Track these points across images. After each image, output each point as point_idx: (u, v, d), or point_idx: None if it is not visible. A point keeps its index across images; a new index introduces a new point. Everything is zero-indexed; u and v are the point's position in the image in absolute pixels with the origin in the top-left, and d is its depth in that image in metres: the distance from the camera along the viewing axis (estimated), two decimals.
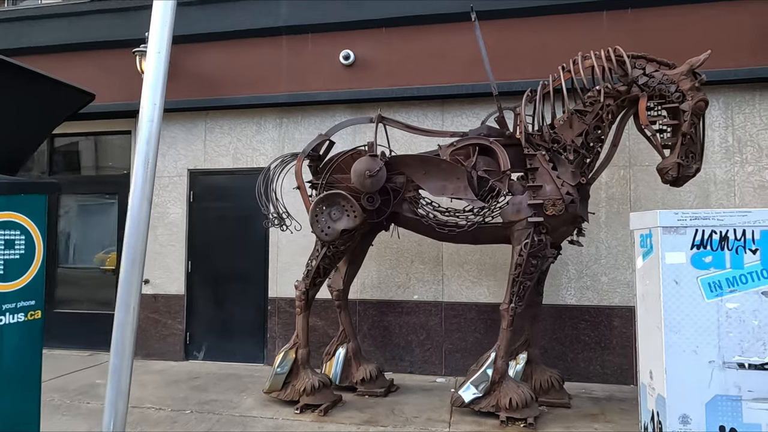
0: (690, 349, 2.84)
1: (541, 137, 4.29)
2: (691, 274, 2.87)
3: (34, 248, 1.73)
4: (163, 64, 1.67)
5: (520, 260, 4.11)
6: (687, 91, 3.93)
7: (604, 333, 5.24)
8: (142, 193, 1.61)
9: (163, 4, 1.66)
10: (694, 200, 5.14)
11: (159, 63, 1.66)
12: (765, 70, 4.94)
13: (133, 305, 1.75)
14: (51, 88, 1.72)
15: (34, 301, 1.76)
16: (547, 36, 5.29)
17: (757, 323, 2.78)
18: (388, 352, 5.62)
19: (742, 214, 2.86)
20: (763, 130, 5.08)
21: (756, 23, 4.94)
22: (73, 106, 1.85)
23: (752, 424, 2.76)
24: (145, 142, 1.70)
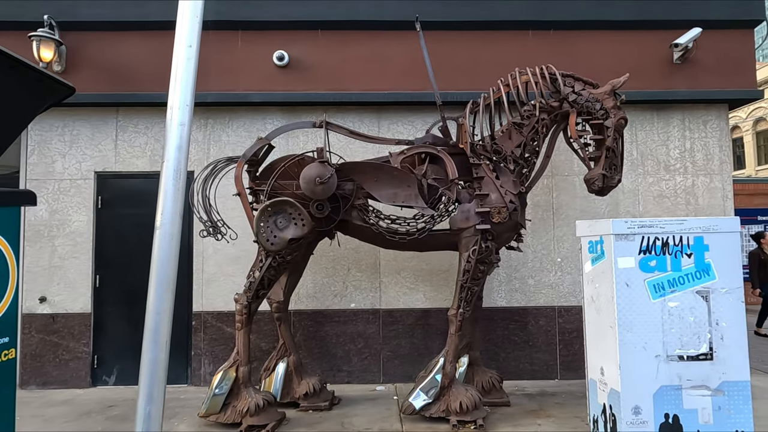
0: (640, 345, 3.11)
1: (484, 147, 4.46)
2: (639, 277, 3.15)
3: (7, 274, 1.37)
4: (194, 59, 1.44)
5: (468, 266, 4.22)
6: (610, 109, 4.31)
7: (531, 332, 5.57)
8: (173, 210, 1.36)
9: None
10: (606, 208, 5.67)
11: (190, 58, 1.43)
12: (661, 93, 5.61)
13: None
14: (34, 79, 1.39)
15: (8, 338, 1.40)
16: (480, 49, 5.53)
17: (693, 319, 3.13)
18: (325, 363, 5.47)
19: (679, 222, 3.20)
20: (660, 145, 5.75)
21: (657, 50, 5.59)
22: (52, 98, 1.52)
23: (691, 409, 3.09)
24: (176, 149, 1.46)
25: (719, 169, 5.72)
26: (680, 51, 5.48)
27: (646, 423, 3.07)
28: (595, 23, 5.59)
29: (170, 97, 1.56)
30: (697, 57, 5.60)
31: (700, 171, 5.73)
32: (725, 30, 5.61)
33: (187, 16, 1.43)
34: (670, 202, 5.70)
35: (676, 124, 5.76)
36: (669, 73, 5.64)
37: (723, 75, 5.61)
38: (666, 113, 5.76)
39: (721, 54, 5.62)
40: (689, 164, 5.72)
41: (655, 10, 5.57)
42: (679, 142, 5.74)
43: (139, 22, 5.43)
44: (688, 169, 5.72)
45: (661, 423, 3.07)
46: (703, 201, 5.69)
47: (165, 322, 1.48)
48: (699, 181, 5.72)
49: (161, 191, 1.47)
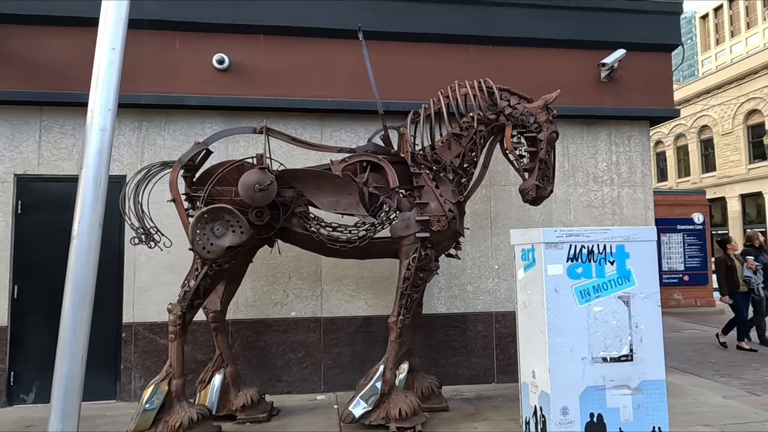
0: (568, 348, 3.26)
1: (425, 157, 4.55)
2: (567, 284, 3.31)
3: None
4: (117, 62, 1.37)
5: (408, 274, 4.28)
6: (543, 123, 4.52)
7: (470, 337, 5.71)
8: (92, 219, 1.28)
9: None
10: (540, 217, 5.93)
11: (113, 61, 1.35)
12: (591, 109, 5.95)
13: None
14: None
15: None
16: (423, 61, 5.65)
17: (615, 323, 3.32)
18: (264, 373, 5.36)
19: (603, 231, 3.40)
20: (589, 158, 6.09)
21: (586, 69, 5.93)
22: None
23: (613, 408, 3.27)
24: (96, 155, 1.38)
25: (641, 182, 6.13)
26: (607, 70, 5.84)
27: (573, 423, 3.22)
28: (530, 41, 5.85)
29: (91, 100, 1.49)
30: (622, 76, 5.98)
31: (624, 183, 6.11)
32: (647, 52, 6.03)
33: (111, 18, 1.37)
34: (598, 211, 6.03)
35: (603, 139, 6.12)
36: (597, 91, 5.99)
37: (645, 94, 6.02)
38: (595, 128, 6.11)
39: (644, 75, 6.04)
40: (615, 176, 6.09)
41: (585, 30, 5.90)
42: (606, 155, 6.11)
43: (68, 18, 5.15)
44: (614, 181, 6.09)
45: (587, 422, 3.23)
46: (627, 211, 6.07)
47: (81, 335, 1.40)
48: (624, 192, 6.09)
49: (79, 199, 1.40)
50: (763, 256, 8.17)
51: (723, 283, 7.90)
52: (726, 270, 7.91)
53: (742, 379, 5.98)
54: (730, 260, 7.97)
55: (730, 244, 8.17)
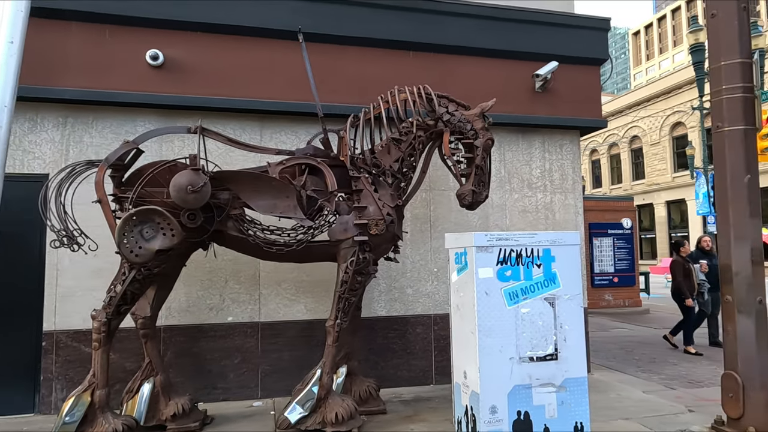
0: (497, 349, 3.37)
1: (364, 161, 4.58)
2: (497, 286, 3.42)
3: None
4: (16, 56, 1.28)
5: (346, 277, 4.28)
6: (479, 130, 4.65)
7: (409, 340, 5.78)
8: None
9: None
10: (477, 221, 6.09)
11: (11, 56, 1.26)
12: (526, 118, 6.18)
13: None
14: None
15: None
16: (365, 65, 5.68)
17: (541, 323, 3.46)
18: (198, 380, 5.19)
19: (531, 235, 3.54)
20: (524, 165, 6.33)
21: (522, 79, 6.15)
22: None
23: (539, 406, 3.41)
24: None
25: (572, 188, 6.43)
26: (541, 81, 6.10)
27: (502, 421, 3.32)
28: (469, 50, 6.01)
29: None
30: (555, 87, 6.26)
31: (557, 189, 6.39)
32: (578, 65, 6.34)
33: (9, 10, 1.29)
34: (532, 216, 6.27)
35: (537, 146, 6.37)
36: (532, 101, 6.24)
37: (576, 105, 6.33)
38: (530, 136, 6.35)
39: (575, 86, 6.35)
40: (548, 183, 6.36)
41: (522, 42, 6.13)
42: (540, 162, 6.37)
43: None
44: (547, 187, 6.35)
45: (514, 420, 3.35)
46: (559, 216, 6.35)
47: None
48: (556, 198, 6.37)
49: None
50: (715, 259, 8.35)
51: (684, 286, 7.87)
52: (684, 273, 7.93)
53: (662, 374, 6.38)
54: (687, 263, 7.98)
55: (684, 247, 8.17)
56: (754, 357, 3.91)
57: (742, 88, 4.02)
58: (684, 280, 7.89)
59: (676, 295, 8.06)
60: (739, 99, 4.03)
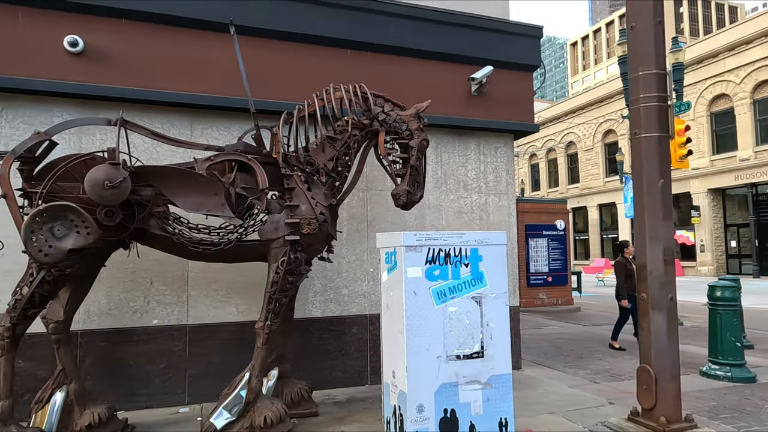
0: (424, 348, 3.39)
1: (297, 159, 4.49)
2: (425, 286, 3.44)
3: None
4: None
5: (277, 277, 4.18)
6: (415, 131, 4.68)
7: (345, 341, 5.73)
8: None
9: None
10: (414, 221, 6.14)
11: None
12: (462, 120, 6.29)
13: None
14: None
15: None
16: (301, 61, 5.58)
17: (468, 322, 3.52)
18: (120, 388, 4.90)
19: (459, 235, 3.59)
20: (461, 166, 6.44)
21: (459, 82, 6.25)
22: None
23: (465, 403, 3.46)
24: None
25: (506, 190, 6.61)
26: (476, 84, 6.23)
27: (429, 419, 3.34)
28: (407, 50, 6.04)
29: None
30: (490, 91, 6.41)
31: (491, 191, 6.54)
32: (512, 71, 6.52)
33: None
34: (467, 217, 6.39)
35: (473, 149, 6.50)
36: (468, 103, 6.36)
37: (510, 109, 6.51)
38: (466, 138, 6.47)
39: (509, 91, 6.53)
40: (483, 184, 6.50)
41: (458, 45, 6.23)
42: (476, 164, 6.50)
43: None
44: (482, 189, 6.50)
45: (441, 418, 3.38)
46: (493, 217, 6.51)
47: None
48: (490, 199, 6.53)
49: None
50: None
51: (623, 287, 8.00)
52: (626, 274, 8.04)
53: (587, 369, 6.68)
54: (629, 264, 8.06)
55: (628, 248, 8.28)
56: (665, 351, 4.15)
57: (657, 98, 4.26)
58: (625, 281, 8.01)
59: (617, 295, 8.22)
60: (654, 108, 4.27)
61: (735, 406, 5.03)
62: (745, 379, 5.87)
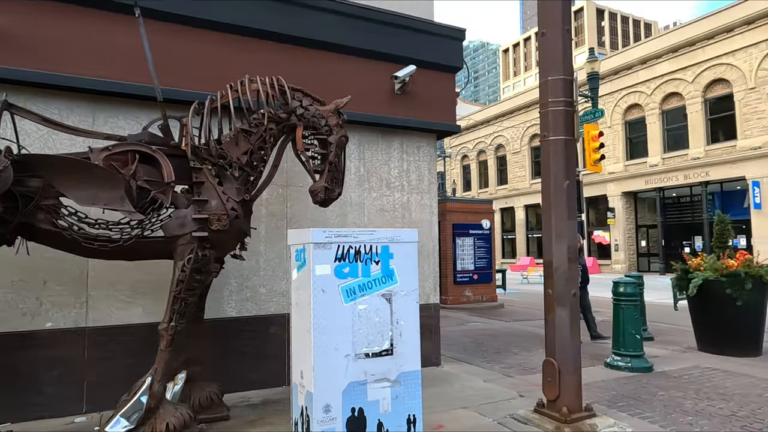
0: (332, 347, 3.33)
1: (208, 152, 4.29)
2: (334, 283, 3.38)
3: None
4: None
5: (183, 276, 3.97)
6: (334, 127, 4.62)
7: (262, 341, 5.57)
8: None
9: None
10: (336, 219, 6.07)
11: None
12: (386, 118, 6.29)
13: None
14: None
15: None
16: (215, 50, 5.35)
17: (378, 320, 3.50)
18: (9, 397, 4.47)
19: (370, 232, 3.57)
20: (384, 164, 6.44)
21: (383, 80, 6.25)
22: None
23: (373, 401, 3.43)
24: None
25: (428, 189, 6.70)
26: (399, 83, 6.25)
27: (336, 419, 3.29)
28: (330, 45, 5.96)
29: None
30: (414, 90, 6.46)
31: (414, 189, 6.60)
32: (435, 71, 6.61)
33: None
34: (390, 215, 6.41)
35: (396, 147, 6.53)
36: (392, 102, 6.37)
37: (432, 109, 6.60)
38: (389, 137, 6.49)
39: (432, 91, 6.61)
40: (406, 183, 6.55)
41: (382, 43, 6.23)
42: (399, 163, 6.53)
43: None
44: (405, 187, 6.54)
45: (348, 417, 3.33)
46: (415, 215, 6.57)
47: None
48: (413, 198, 6.58)
49: None
50: (582, 258, 9.06)
51: None
52: None
53: (503, 363, 6.90)
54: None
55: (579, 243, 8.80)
56: (568, 344, 4.35)
57: (564, 102, 4.46)
58: None
59: None
60: (561, 112, 4.46)
61: (632, 394, 5.38)
62: (643, 368, 6.30)
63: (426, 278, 6.54)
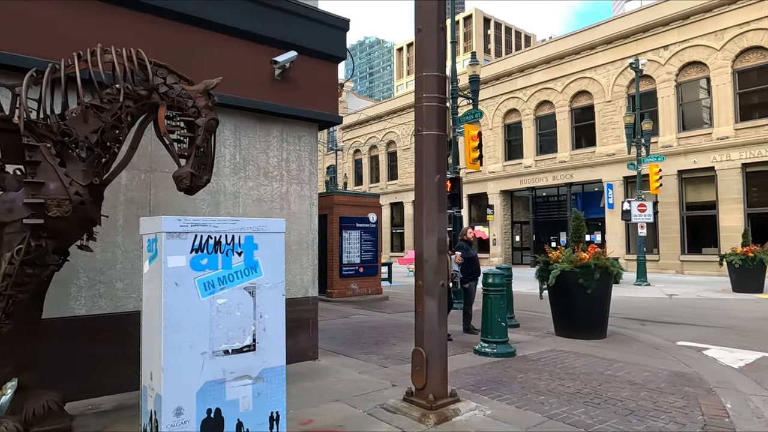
0: (187, 345, 3.08)
1: (48, 127, 3.76)
2: (189, 276, 3.13)
3: None
4: None
5: (11, 269, 3.45)
6: (202, 108, 4.28)
7: (119, 341, 5.04)
8: None
9: None
10: (207, 208, 5.70)
11: None
12: (265, 105, 6.03)
13: None
14: None
15: None
16: (62, 13, 4.71)
17: (239, 314, 3.31)
18: None
19: (233, 222, 3.35)
20: (262, 153, 6.17)
21: (262, 64, 5.96)
22: None
23: (233, 400, 3.24)
24: None
25: (308, 180, 6.56)
26: (279, 68, 6.02)
27: (189, 422, 3.05)
28: (205, 22, 5.55)
29: None
30: (295, 78, 6.26)
31: (293, 180, 6.42)
32: (318, 60, 6.48)
33: None
34: (267, 206, 6.17)
35: (276, 135, 6.30)
36: (272, 88, 6.11)
37: (315, 98, 6.45)
38: (268, 124, 6.23)
39: (315, 80, 6.47)
40: (285, 173, 6.35)
41: (262, 25, 5.94)
42: (278, 151, 6.31)
43: None
44: (284, 177, 6.34)
45: (203, 419, 3.11)
46: (294, 207, 6.39)
47: None
48: (292, 188, 6.40)
49: None
50: (473, 250, 9.00)
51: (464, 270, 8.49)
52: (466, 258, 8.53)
53: (381, 354, 7.01)
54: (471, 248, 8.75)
55: (467, 235, 8.93)
56: (435, 333, 4.49)
57: (437, 98, 4.57)
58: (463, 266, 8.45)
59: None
60: (434, 108, 4.57)
61: (495, 378, 5.73)
62: (507, 354, 6.77)
63: (304, 271, 6.40)
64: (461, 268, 8.52)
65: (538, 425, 4.25)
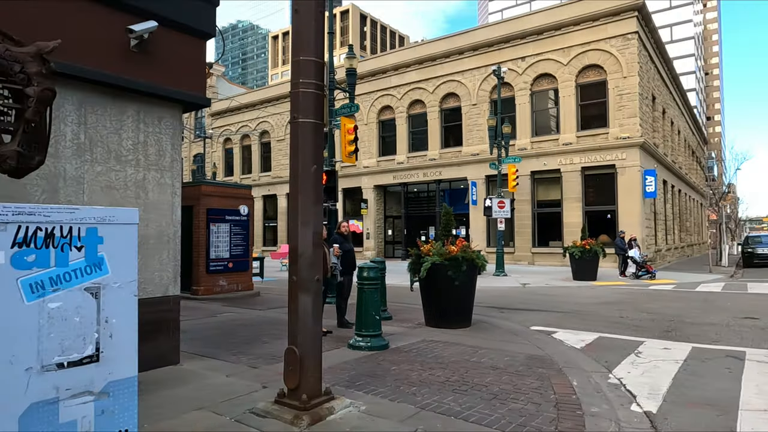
0: (5, 360, 2.52)
1: None
2: (10, 276, 2.56)
3: None
4: None
5: None
6: (33, 75, 3.59)
7: None
8: None
9: None
10: (42, 195, 4.84)
11: None
12: (118, 79, 5.29)
13: None
14: None
15: None
16: None
17: (78, 320, 2.80)
18: None
19: (70, 210, 2.83)
20: (113, 133, 5.42)
21: (117, 32, 5.21)
22: None
23: (68, 422, 2.74)
24: None
25: (170, 166, 5.92)
26: (136, 39, 5.33)
27: None
28: None
29: None
30: (156, 52, 5.60)
31: (152, 166, 5.75)
32: (183, 34, 5.87)
33: None
34: (120, 194, 5.44)
35: (131, 114, 5.57)
36: (128, 61, 5.39)
37: (179, 77, 5.84)
38: (122, 101, 5.49)
39: (179, 57, 5.85)
40: (142, 157, 5.65)
41: None
42: (134, 133, 5.59)
43: None
44: (141, 163, 5.64)
45: None
46: (153, 196, 5.73)
47: None
48: (150, 175, 5.73)
49: None
50: (348, 244, 8.80)
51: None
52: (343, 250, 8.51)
53: (251, 354, 6.62)
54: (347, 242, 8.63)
55: (341, 229, 8.85)
56: (309, 330, 4.31)
57: (314, 85, 4.37)
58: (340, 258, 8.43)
59: None
60: (312, 94, 4.36)
61: (369, 372, 5.72)
62: (380, 347, 6.82)
63: (164, 267, 5.78)
64: (339, 260, 8.42)
65: (411, 417, 4.29)
